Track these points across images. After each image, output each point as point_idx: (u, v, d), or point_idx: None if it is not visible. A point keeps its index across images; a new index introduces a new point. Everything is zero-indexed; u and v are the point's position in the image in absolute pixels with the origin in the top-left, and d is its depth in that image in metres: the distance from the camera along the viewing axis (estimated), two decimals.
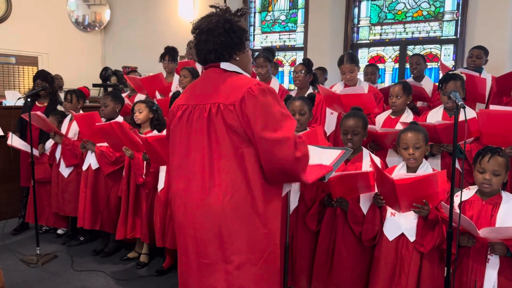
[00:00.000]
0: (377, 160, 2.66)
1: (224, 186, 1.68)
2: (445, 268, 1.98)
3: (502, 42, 4.73)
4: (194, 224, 1.74)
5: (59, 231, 4.37)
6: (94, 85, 7.14)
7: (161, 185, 3.32)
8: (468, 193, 2.33)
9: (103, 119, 3.75)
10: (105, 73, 7.12)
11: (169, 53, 4.65)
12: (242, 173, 1.68)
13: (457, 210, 2.28)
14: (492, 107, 2.82)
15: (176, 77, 4.61)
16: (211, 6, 1.84)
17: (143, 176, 3.47)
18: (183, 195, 1.77)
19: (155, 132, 3.54)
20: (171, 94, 4.37)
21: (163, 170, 3.31)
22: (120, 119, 3.69)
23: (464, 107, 1.85)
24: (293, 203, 2.72)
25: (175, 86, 4.55)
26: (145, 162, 3.41)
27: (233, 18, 1.79)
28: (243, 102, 1.65)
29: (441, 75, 4.24)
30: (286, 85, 6.53)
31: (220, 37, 1.74)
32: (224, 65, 1.79)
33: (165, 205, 3.26)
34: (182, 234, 1.80)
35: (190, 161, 1.76)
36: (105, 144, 3.64)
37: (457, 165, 2.92)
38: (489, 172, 2.19)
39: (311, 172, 1.81)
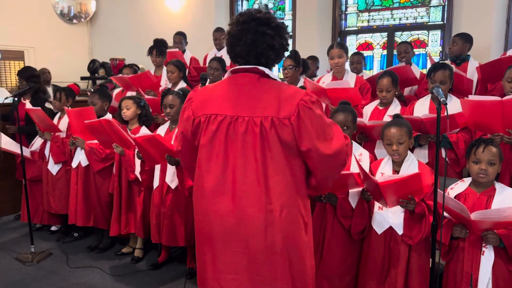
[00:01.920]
0: (366, 155, 2.71)
1: (280, 202, 1.65)
2: (430, 259, 2.02)
3: (488, 28, 4.75)
4: (249, 242, 1.66)
5: (53, 228, 4.38)
6: (82, 78, 7.07)
7: (156, 182, 3.34)
8: (462, 185, 2.36)
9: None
10: (93, 66, 7.04)
11: (157, 47, 4.59)
12: (294, 187, 1.68)
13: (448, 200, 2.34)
14: (472, 97, 2.86)
15: (165, 71, 4.58)
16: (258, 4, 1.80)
17: (135, 173, 3.49)
18: (231, 214, 1.66)
19: (143, 128, 3.55)
20: (161, 89, 4.38)
21: (158, 168, 3.33)
22: (109, 116, 3.68)
23: (446, 104, 1.88)
24: None
25: (164, 81, 4.53)
26: (140, 160, 3.41)
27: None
28: (299, 116, 1.60)
29: (429, 64, 4.26)
30: (275, 74, 6.51)
31: (285, 39, 1.71)
32: (267, 71, 1.69)
33: (160, 201, 3.28)
34: (229, 254, 1.70)
35: (237, 178, 1.65)
36: (95, 141, 3.63)
37: (444, 155, 2.99)
38: (485, 162, 2.22)
39: None
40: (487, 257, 2.19)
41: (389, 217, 2.46)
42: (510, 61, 3.38)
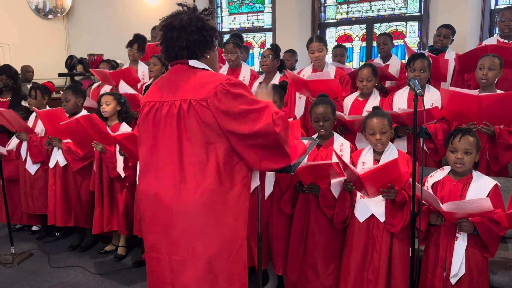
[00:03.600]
0: (347, 144, 2.74)
1: (195, 182, 1.69)
2: (410, 248, 2.07)
3: (464, 18, 4.83)
4: (165, 222, 1.74)
5: (34, 228, 4.32)
6: (60, 75, 6.96)
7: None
8: (441, 173, 2.42)
9: (67, 115, 3.68)
10: (71, 62, 6.93)
11: (138, 42, 4.55)
12: (213, 169, 1.70)
13: (429, 191, 2.39)
14: (452, 88, 2.92)
15: (141, 66, 4.55)
16: (179, 5, 1.84)
17: (117, 169, 3.44)
18: (152, 193, 1.77)
19: (123, 125, 3.50)
20: (139, 84, 4.33)
21: None
22: (84, 113, 3.63)
23: (422, 96, 1.91)
24: (269, 189, 2.79)
25: (141, 75, 4.48)
26: (123, 157, 3.37)
27: (203, 16, 1.80)
28: (216, 97, 1.67)
29: (406, 56, 4.30)
30: (256, 67, 6.51)
31: (193, 34, 1.75)
32: (192, 62, 1.79)
33: None
34: (152, 232, 1.79)
35: (158, 159, 1.76)
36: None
37: (423, 145, 3.05)
38: (461, 151, 2.28)
39: (293, 149, 1.87)
40: (460, 243, 2.26)
41: (371, 206, 2.50)
42: (485, 50, 3.45)
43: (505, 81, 3.69)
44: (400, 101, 3.20)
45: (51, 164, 3.75)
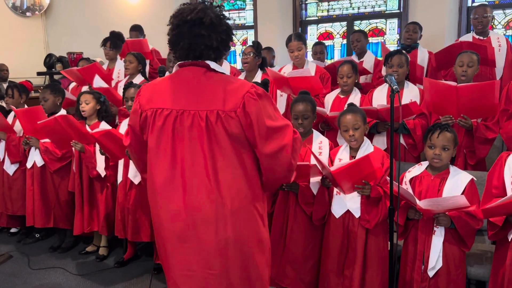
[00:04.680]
0: (326, 142, 2.77)
1: (231, 195, 1.63)
2: (389, 242, 2.10)
3: (441, 15, 4.90)
4: (202, 237, 1.65)
5: (13, 230, 4.24)
6: (39, 74, 6.82)
7: (119, 178, 3.30)
8: (419, 168, 2.47)
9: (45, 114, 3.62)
10: (50, 60, 6.80)
11: (112, 40, 4.49)
12: (245, 179, 1.66)
13: (404, 186, 2.44)
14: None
15: (118, 64, 4.50)
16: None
17: (97, 169, 3.41)
18: (183, 208, 1.65)
19: (103, 124, 3.47)
20: (113, 82, 4.28)
21: (121, 163, 3.28)
22: (63, 112, 3.58)
23: (398, 92, 1.94)
24: None
25: (117, 73, 4.44)
26: (103, 156, 3.34)
27: (225, 15, 1.70)
28: (245, 108, 1.59)
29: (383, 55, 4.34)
30: (238, 65, 6.50)
31: (222, 34, 1.66)
32: (214, 66, 1.66)
33: (124, 196, 3.24)
34: (184, 250, 1.68)
35: (186, 173, 1.64)
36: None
37: (402, 141, 3.11)
38: (439, 147, 2.32)
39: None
40: (438, 237, 2.32)
41: (346, 201, 2.54)
42: (461, 47, 3.52)
43: (480, 77, 3.77)
44: (380, 97, 3.24)
45: (29, 164, 3.69)
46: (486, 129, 2.92)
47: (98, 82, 3.91)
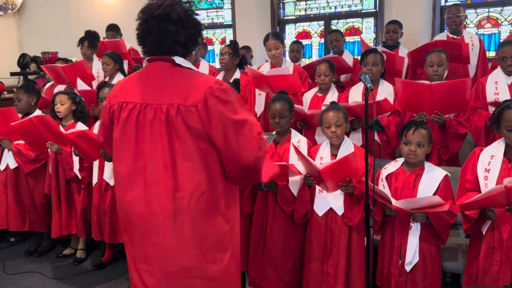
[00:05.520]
0: (304, 141, 2.79)
1: (189, 190, 1.62)
2: (365, 238, 2.13)
3: (416, 15, 5.00)
4: (158, 232, 1.64)
5: None
6: (12, 74, 6.65)
7: (95, 179, 3.26)
8: (395, 165, 2.51)
9: (19, 115, 3.54)
10: (23, 60, 6.64)
11: (89, 39, 4.42)
12: (206, 174, 1.64)
13: (381, 182, 2.47)
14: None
15: (95, 63, 4.44)
16: None
17: (75, 171, 3.36)
18: (142, 202, 1.65)
19: (79, 125, 3.42)
20: (94, 82, 4.22)
21: (96, 164, 3.24)
22: (38, 112, 3.51)
23: (371, 90, 1.97)
24: None
25: (96, 73, 4.37)
26: (78, 157, 3.28)
27: (194, 10, 1.69)
28: (205, 103, 1.57)
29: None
30: (217, 64, 6.48)
31: (190, 30, 1.64)
32: (179, 60, 1.65)
33: (100, 198, 3.21)
34: (142, 243, 1.68)
35: (146, 167, 1.64)
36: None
37: (377, 137, 3.16)
38: (414, 144, 2.36)
39: (265, 169, 1.83)
40: (414, 232, 2.37)
41: (329, 200, 2.56)
42: (435, 45, 3.59)
43: (454, 74, 3.86)
44: (356, 95, 3.30)
45: (1, 167, 3.62)
46: (458, 125, 3.01)
47: (82, 85, 3.84)
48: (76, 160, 3.31)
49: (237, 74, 3.78)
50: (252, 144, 1.65)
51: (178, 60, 1.65)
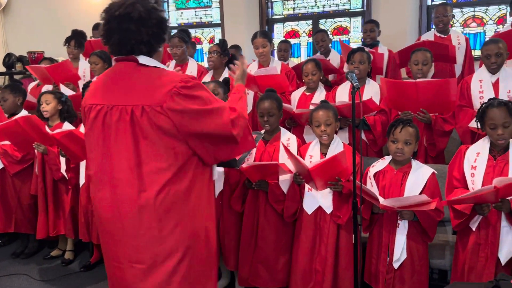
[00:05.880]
0: (294, 139, 2.79)
1: (155, 189, 1.62)
2: (353, 235, 2.15)
3: (403, 14, 5.04)
4: (126, 232, 1.66)
5: None
6: None
7: (82, 180, 3.23)
8: (382, 163, 2.52)
9: (5, 115, 3.50)
10: (9, 60, 6.55)
11: (76, 38, 4.38)
12: (174, 174, 1.64)
13: (369, 180, 2.49)
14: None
15: (82, 63, 4.40)
16: None
17: (62, 172, 3.32)
18: (109, 202, 1.67)
19: (66, 125, 3.38)
20: (80, 82, 4.18)
21: (83, 165, 3.21)
22: (24, 113, 3.47)
23: (358, 88, 1.99)
24: (218, 187, 2.78)
25: (82, 72, 4.33)
26: (64, 158, 3.25)
27: (159, 8, 1.69)
28: (171, 102, 1.58)
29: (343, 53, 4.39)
30: (206, 63, 6.46)
31: (153, 27, 1.64)
32: (143, 60, 1.66)
33: (88, 199, 3.18)
34: (113, 242, 1.70)
35: (113, 167, 1.65)
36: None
37: (363, 136, 3.19)
38: (401, 142, 2.38)
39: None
40: (402, 229, 2.39)
41: (318, 198, 2.57)
42: (423, 45, 3.62)
43: (441, 73, 3.91)
44: (342, 94, 3.33)
45: None
46: (443, 122, 3.05)
47: (65, 91, 3.80)
48: (63, 161, 3.28)
49: (226, 73, 3.78)
50: (225, 127, 1.68)
51: (143, 59, 1.67)
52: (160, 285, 1.67)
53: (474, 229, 2.31)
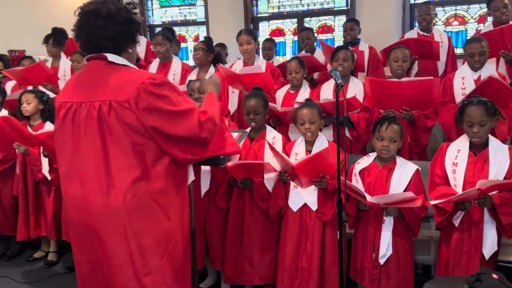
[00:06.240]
0: (279, 137, 2.80)
1: (124, 186, 1.64)
2: (338, 232, 2.16)
3: (387, 12, 5.08)
4: (95, 227, 1.68)
5: None
6: None
7: None
8: (367, 160, 2.54)
9: None
10: None
11: (54, 36, 4.32)
12: (142, 170, 1.66)
13: (354, 177, 2.50)
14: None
15: (63, 61, 4.33)
16: None
17: (42, 172, 3.27)
18: (79, 199, 1.69)
19: (48, 124, 3.34)
20: (60, 82, 4.11)
21: None
22: (4, 112, 3.41)
23: (342, 86, 2.00)
24: (204, 186, 2.78)
25: (62, 72, 4.27)
26: (47, 158, 3.20)
27: (131, 9, 1.74)
28: (138, 98, 1.60)
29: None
30: (191, 61, 6.43)
31: (120, 25, 1.67)
32: (112, 58, 1.69)
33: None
34: (83, 238, 1.73)
35: (81, 164, 1.67)
36: None
37: (347, 133, 3.21)
38: (387, 139, 2.40)
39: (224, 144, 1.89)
40: (387, 226, 2.41)
41: (304, 195, 2.58)
42: (407, 43, 3.67)
43: (424, 70, 3.96)
44: (326, 92, 3.35)
45: None
46: (426, 118, 3.10)
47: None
48: (45, 161, 3.23)
49: (211, 70, 3.76)
50: (193, 130, 1.69)
51: (112, 57, 1.69)
52: (132, 281, 1.68)
53: (457, 225, 2.34)
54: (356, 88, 3.23)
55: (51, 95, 3.65)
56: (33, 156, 3.26)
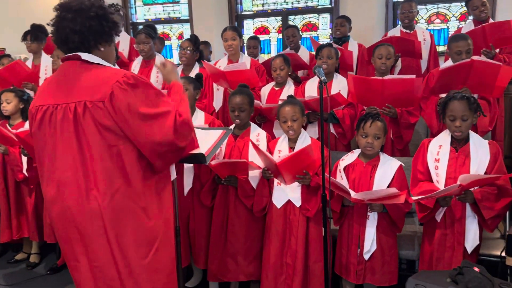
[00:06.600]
0: (263, 134, 2.81)
1: (102, 188, 1.62)
2: (323, 228, 2.17)
3: (370, 10, 5.12)
4: (77, 230, 1.66)
5: None
6: None
7: None
8: (352, 156, 2.56)
9: None
10: None
11: (32, 32, 4.23)
12: (120, 171, 1.64)
13: (339, 173, 2.52)
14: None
15: (44, 59, 4.24)
16: None
17: (23, 172, 3.21)
18: (58, 202, 1.67)
19: (28, 123, 3.26)
20: (41, 80, 4.04)
21: None
22: None
23: (325, 83, 2.00)
24: (188, 184, 2.77)
25: (44, 69, 4.18)
26: (26, 157, 3.14)
27: (108, 8, 1.71)
28: (113, 97, 1.57)
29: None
30: (175, 59, 6.38)
31: (90, 20, 1.64)
32: (85, 56, 1.66)
33: None
34: (67, 241, 1.71)
35: (59, 167, 1.65)
36: None
37: (332, 130, 3.23)
38: (371, 136, 2.42)
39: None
40: (371, 221, 2.44)
41: (287, 192, 2.58)
42: (390, 41, 3.69)
43: (407, 68, 4.00)
44: (311, 89, 3.35)
45: None
46: (408, 115, 3.13)
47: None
48: (25, 160, 3.18)
49: (196, 69, 3.74)
50: (167, 135, 1.66)
51: (85, 56, 1.67)
52: (115, 282, 1.68)
53: (439, 220, 2.37)
54: (339, 85, 3.26)
55: (32, 94, 3.58)
56: (13, 156, 3.20)
